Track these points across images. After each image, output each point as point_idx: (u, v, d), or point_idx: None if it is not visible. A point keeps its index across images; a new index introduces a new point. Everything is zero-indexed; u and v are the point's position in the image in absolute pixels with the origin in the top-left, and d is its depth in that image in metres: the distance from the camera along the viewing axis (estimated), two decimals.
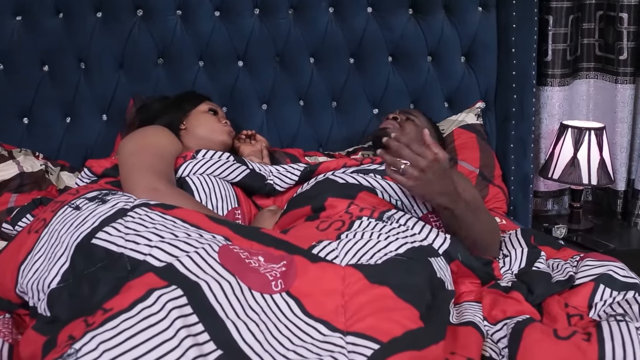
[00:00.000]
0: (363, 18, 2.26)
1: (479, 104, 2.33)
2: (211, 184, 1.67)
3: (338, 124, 2.30)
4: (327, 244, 1.24)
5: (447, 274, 1.29)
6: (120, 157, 1.63)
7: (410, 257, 1.19)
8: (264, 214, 1.67)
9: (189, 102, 1.93)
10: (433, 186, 1.31)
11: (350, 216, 1.37)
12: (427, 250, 1.27)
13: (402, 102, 2.30)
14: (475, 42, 2.29)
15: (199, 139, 1.86)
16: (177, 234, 1.18)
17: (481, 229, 1.44)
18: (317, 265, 1.16)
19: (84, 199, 1.34)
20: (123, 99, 2.17)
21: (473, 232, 1.44)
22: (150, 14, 2.16)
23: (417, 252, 1.22)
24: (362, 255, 1.19)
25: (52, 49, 2.15)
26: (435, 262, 1.25)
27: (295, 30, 2.23)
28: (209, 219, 1.31)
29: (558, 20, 2.35)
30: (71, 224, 1.26)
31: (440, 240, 1.33)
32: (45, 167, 2.04)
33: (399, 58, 2.30)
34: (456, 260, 1.33)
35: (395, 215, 1.38)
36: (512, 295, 1.28)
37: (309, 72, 2.26)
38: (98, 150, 2.18)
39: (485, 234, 1.47)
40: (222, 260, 1.10)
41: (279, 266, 1.13)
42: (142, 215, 1.25)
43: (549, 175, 2.30)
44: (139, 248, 1.15)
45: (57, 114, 2.20)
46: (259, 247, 1.20)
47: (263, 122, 2.26)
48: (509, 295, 1.28)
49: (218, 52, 2.20)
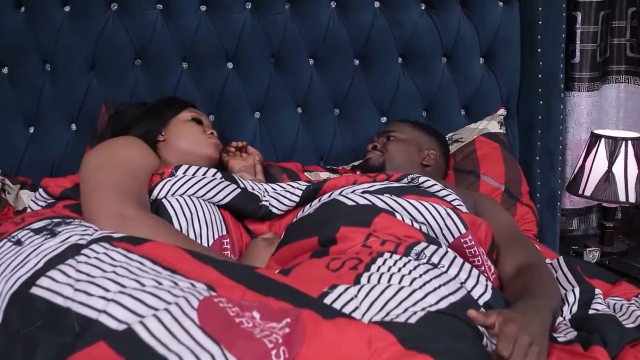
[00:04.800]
0: (370, 13, 2.09)
1: (501, 110, 2.15)
2: (193, 208, 1.42)
3: (341, 133, 2.14)
4: (343, 290, 0.96)
5: None
6: (82, 174, 1.38)
7: (453, 315, 0.92)
8: (258, 244, 1.41)
9: (169, 110, 1.72)
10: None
11: (369, 252, 1.09)
12: (468, 302, 1.01)
13: (413, 109, 2.13)
14: (495, 41, 2.13)
15: (180, 152, 1.63)
16: (144, 282, 0.90)
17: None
18: (332, 322, 0.88)
19: (28, 231, 1.09)
20: (95, 106, 1.99)
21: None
22: (126, 7, 1.99)
23: (459, 307, 0.96)
24: (392, 309, 0.92)
25: (12, 48, 1.98)
26: None
27: (293, 27, 2.07)
28: (189, 255, 1.04)
29: (587, 17, 2.23)
30: (7, 265, 1.01)
31: (480, 289, 1.09)
32: (1, 185, 1.83)
33: (411, 59, 2.14)
34: None
35: (427, 251, 1.11)
36: (593, 351, 1.01)
37: (308, 75, 2.10)
38: (66, 165, 1.97)
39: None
40: (202, 322, 0.82)
41: (281, 326, 0.85)
42: (101, 254, 0.98)
43: (579, 192, 2.13)
44: (92, 302, 0.88)
45: (19, 123, 2.02)
46: (254, 297, 0.92)
47: (256, 132, 2.10)
48: (587, 353, 1.02)
49: (204, 51, 2.04)
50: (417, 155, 1.81)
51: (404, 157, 1.79)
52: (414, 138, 1.83)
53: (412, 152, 1.81)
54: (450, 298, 0.96)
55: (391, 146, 1.80)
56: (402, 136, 1.83)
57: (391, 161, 1.77)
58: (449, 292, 0.98)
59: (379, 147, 1.82)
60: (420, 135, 1.85)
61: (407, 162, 1.78)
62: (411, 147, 1.81)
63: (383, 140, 1.84)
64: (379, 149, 1.82)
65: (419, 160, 1.81)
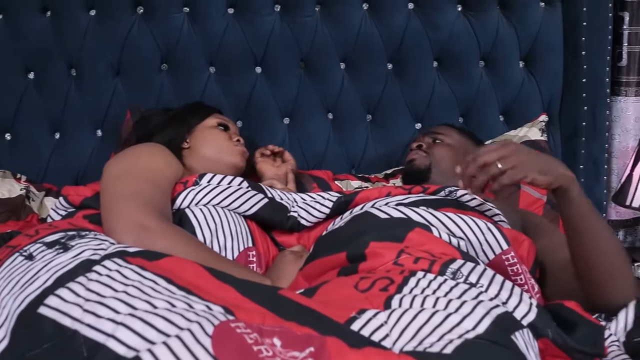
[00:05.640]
0: (404, 15, 2.03)
1: (543, 116, 2.06)
2: (218, 218, 1.35)
3: (374, 140, 2.08)
4: (372, 315, 0.88)
5: (535, 353, 0.92)
6: (103, 183, 1.33)
7: (493, 341, 0.83)
8: (286, 257, 1.34)
9: (194, 116, 1.67)
10: (532, 164, 1.17)
11: (401, 270, 1.01)
12: (509, 323, 0.91)
13: (449, 115, 2.06)
14: (536, 44, 2.05)
15: (205, 160, 1.58)
16: (156, 303, 0.83)
17: (607, 235, 1.23)
18: (360, 352, 0.80)
19: (40, 245, 1.03)
20: (120, 112, 1.97)
21: (598, 238, 1.21)
22: (153, 11, 1.97)
23: (499, 329, 0.86)
24: (426, 337, 0.83)
25: (38, 53, 1.98)
26: (520, 340, 0.89)
27: (323, 30, 2.02)
28: (208, 273, 0.98)
29: (635, 18, 2.13)
30: (17, 282, 0.95)
31: (524, 309, 0.98)
32: (26, 192, 1.80)
33: (446, 62, 2.07)
34: (545, 337, 0.97)
35: (463, 269, 1.02)
36: None
37: (339, 80, 2.05)
38: (91, 172, 1.96)
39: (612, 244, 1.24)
40: (216, 351, 0.75)
41: (304, 355, 0.78)
42: (113, 271, 0.92)
43: (625, 202, 2.02)
44: (100, 324, 0.81)
45: (44, 129, 2.01)
46: (276, 322, 0.85)
47: (285, 139, 2.05)
48: None
49: (232, 56, 2.00)
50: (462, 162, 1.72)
51: (449, 163, 1.66)
52: (460, 145, 1.72)
53: (457, 159, 1.69)
54: (487, 320, 0.87)
55: (438, 150, 1.69)
56: (450, 141, 1.72)
57: (437, 165, 1.66)
58: (485, 312, 0.89)
59: (424, 147, 1.71)
60: (467, 143, 1.75)
61: (452, 169, 1.69)
62: (457, 155, 1.69)
63: (428, 141, 1.73)
64: (425, 149, 1.71)
65: None
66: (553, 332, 0.99)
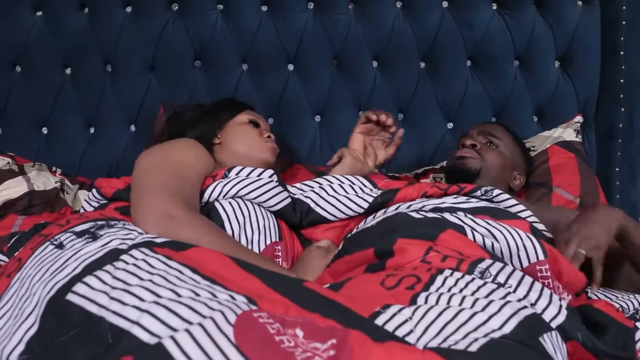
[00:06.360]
0: (437, 13, 2.01)
1: (578, 117, 2.01)
2: (247, 212, 1.35)
3: (406, 140, 2.02)
4: (396, 310, 0.87)
5: (562, 357, 0.90)
6: (134, 175, 1.34)
7: (520, 341, 0.81)
8: (312, 253, 1.33)
9: (226, 112, 1.67)
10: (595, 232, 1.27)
11: (428, 268, 1.00)
12: (537, 325, 0.89)
13: (482, 114, 2.02)
14: (573, 43, 2.01)
15: (235, 155, 1.57)
16: (180, 292, 0.84)
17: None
18: (383, 346, 0.79)
19: (70, 234, 1.04)
20: (154, 107, 1.99)
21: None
22: (187, 8, 1.99)
23: (527, 331, 0.84)
24: (450, 335, 0.82)
25: (75, 49, 2.01)
26: (548, 343, 0.87)
27: (356, 28, 2.00)
28: (234, 262, 0.98)
29: None
30: (47, 269, 0.96)
31: (553, 310, 0.96)
32: (60, 185, 1.82)
33: (480, 61, 2.03)
34: (574, 340, 0.94)
35: (492, 269, 1.00)
36: None
37: (372, 78, 2.03)
38: (124, 166, 1.98)
39: None
40: (238, 340, 0.74)
41: (326, 347, 0.77)
42: (139, 260, 0.93)
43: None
44: (126, 311, 0.82)
45: (80, 124, 2.04)
46: (299, 313, 0.84)
47: (316, 136, 2.04)
48: None
49: (264, 53, 2.00)
50: (509, 174, 1.68)
51: (498, 172, 1.64)
52: (511, 154, 1.69)
53: (506, 170, 1.67)
54: (514, 321, 0.85)
55: (491, 155, 1.65)
56: (503, 149, 1.67)
57: (487, 171, 1.62)
58: (512, 312, 0.87)
59: (477, 148, 1.66)
60: (517, 154, 1.72)
61: (499, 178, 1.64)
62: (507, 164, 1.67)
63: (482, 142, 1.68)
64: (478, 149, 1.65)
65: (508, 181, 1.68)
66: (583, 335, 0.97)
